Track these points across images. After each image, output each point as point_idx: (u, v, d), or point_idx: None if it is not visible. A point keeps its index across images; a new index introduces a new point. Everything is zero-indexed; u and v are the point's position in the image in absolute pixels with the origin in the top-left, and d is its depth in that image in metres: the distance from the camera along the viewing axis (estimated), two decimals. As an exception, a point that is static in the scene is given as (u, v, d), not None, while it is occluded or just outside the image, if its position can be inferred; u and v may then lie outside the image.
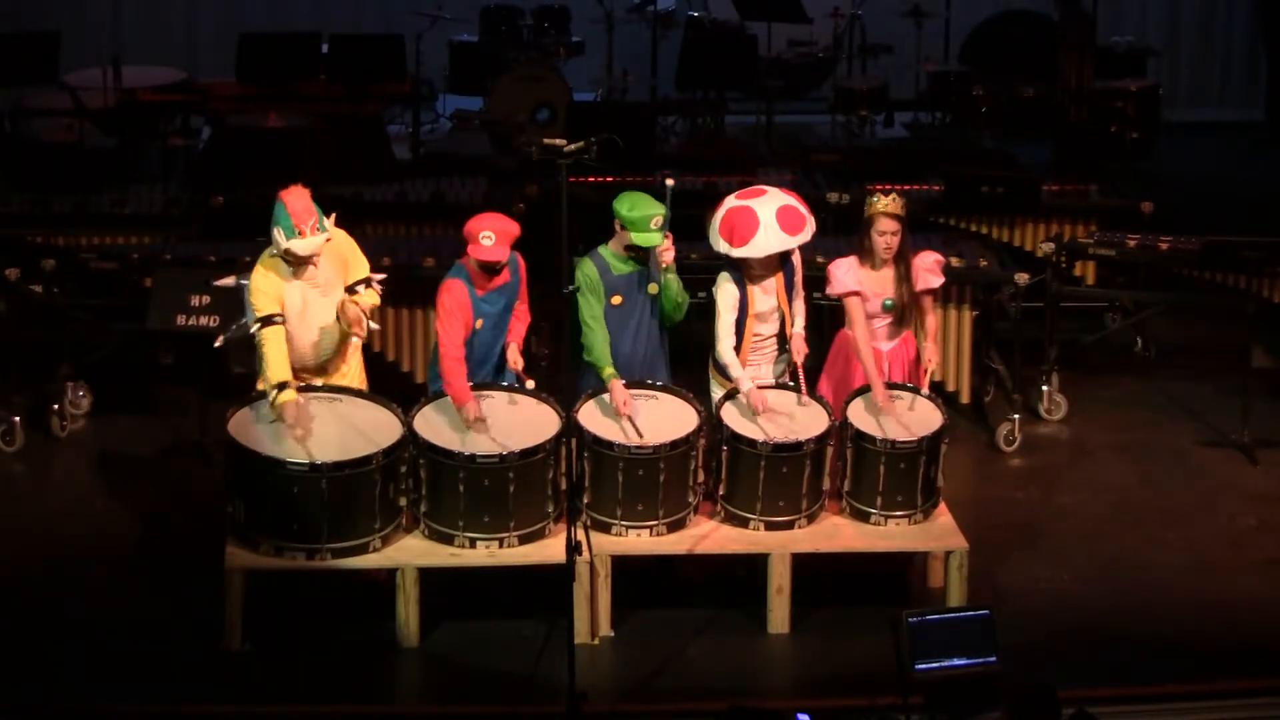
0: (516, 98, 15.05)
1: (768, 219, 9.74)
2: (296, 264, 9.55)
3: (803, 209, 9.88)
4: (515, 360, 9.80)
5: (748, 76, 15.69)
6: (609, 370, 9.71)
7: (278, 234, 9.45)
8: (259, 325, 9.53)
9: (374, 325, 9.84)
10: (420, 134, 15.52)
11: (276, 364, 9.49)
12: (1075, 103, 14.06)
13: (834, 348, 10.23)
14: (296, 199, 9.46)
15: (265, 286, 9.55)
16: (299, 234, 9.42)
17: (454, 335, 9.65)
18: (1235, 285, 11.63)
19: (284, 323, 9.54)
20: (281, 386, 9.45)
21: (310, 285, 9.60)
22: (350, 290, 9.70)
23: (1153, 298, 12.37)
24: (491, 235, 9.60)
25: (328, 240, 9.53)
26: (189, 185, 13.04)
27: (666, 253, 9.71)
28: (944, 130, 15.81)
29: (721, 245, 9.80)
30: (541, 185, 12.27)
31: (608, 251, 9.82)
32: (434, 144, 15.53)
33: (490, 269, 9.69)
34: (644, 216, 9.66)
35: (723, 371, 9.89)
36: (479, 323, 9.75)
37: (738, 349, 9.86)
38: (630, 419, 9.62)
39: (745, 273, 9.85)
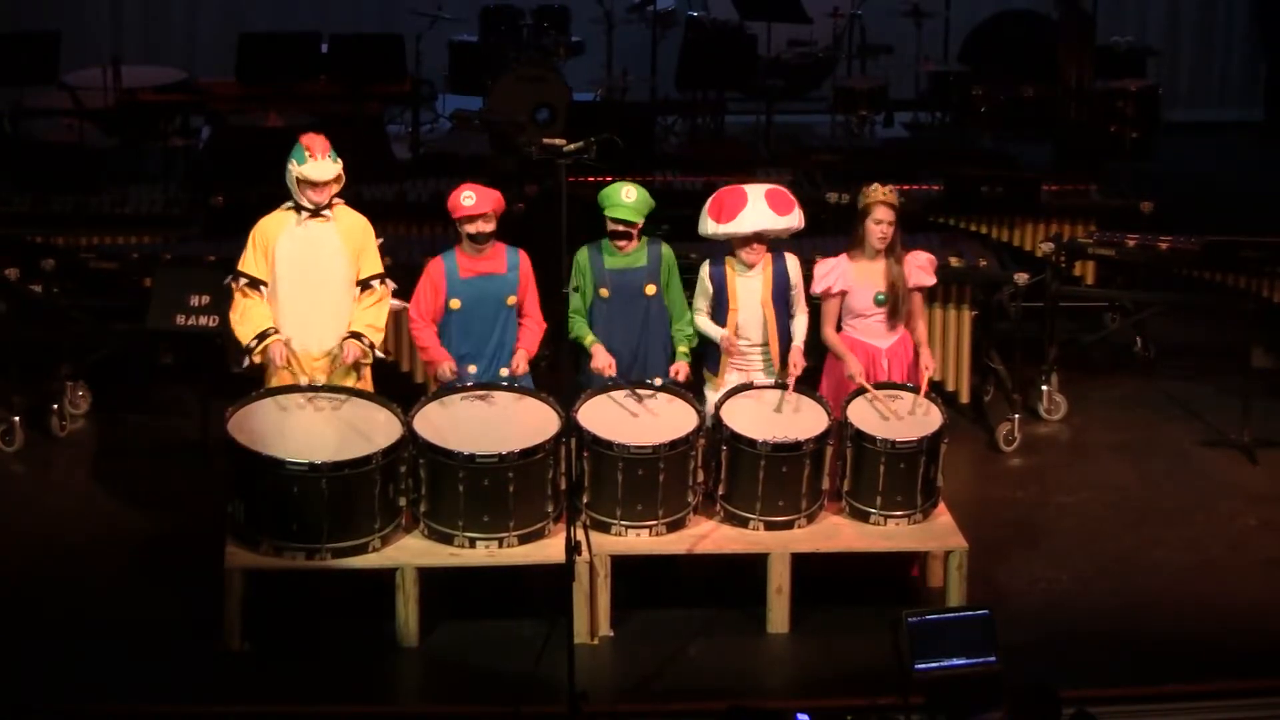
0: (516, 98, 15.02)
1: (756, 197, 9.90)
2: (311, 203, 9.66)
3: (792, 196, 10.02)
4: (516, 365, 9.83)
5: (748, 76, 15.67)
6: (589, 338, 9.90)
7: (291, 166, 9.66)
8: (240, 281, 9.69)
9: (380, 354, 9.90)
10: (420, 134, 15.50)
11: (259, 316, 9.69)
12: (1075, 103, 14.05)
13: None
14: (311, 137, 9.73)
15: (259, 241, 9.72)
16: (310, 157, 9.61)
17: (418, 305, 9.85)
18: (1235, 285, 11.64)
19: (263, 293, 9.69)
20: (263, 335, 9.64)
21: (314, 246, 9.69)
22: (364, 286, 9.78)
23: (1153, 298, 12.37)
24: (472, 195, 9.78)
25: (339, 178, 9.69)
26: (189, 185, 13.05)
27: (679, 374, 9.95)
28: (944, 130, 15.79)
29: (709, 225, 9.95)
30: (541, 185, 12.27)
31: (606, 243, 9.94)
32: (434, 144, 15.53)
33: (478, 239, 9.75)
34: (614, 189, 9.86)
35: (703, 336, 10.00)
36: (455, 303, 9.82)
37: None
38: (632, 392, 9.76)
39: (730, 264, 9.94)
